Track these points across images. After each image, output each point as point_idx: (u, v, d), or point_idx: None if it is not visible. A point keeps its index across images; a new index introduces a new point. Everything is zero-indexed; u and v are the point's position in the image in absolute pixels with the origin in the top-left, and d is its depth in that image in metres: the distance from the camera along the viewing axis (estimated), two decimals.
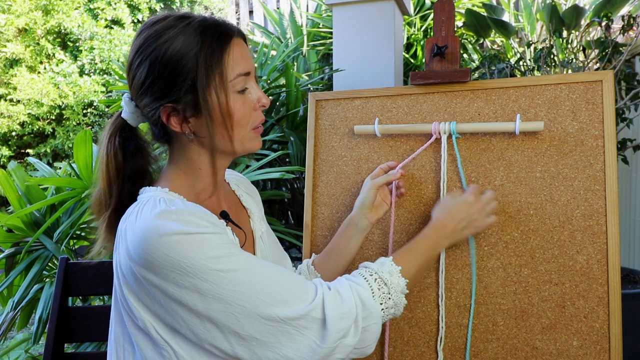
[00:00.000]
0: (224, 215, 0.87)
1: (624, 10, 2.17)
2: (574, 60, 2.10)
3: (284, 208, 2.17)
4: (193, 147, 0.84)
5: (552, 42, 2.05)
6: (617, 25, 2.12)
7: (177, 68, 0.77)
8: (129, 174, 0.85)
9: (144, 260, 0.71)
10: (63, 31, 4.93)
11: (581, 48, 2.15)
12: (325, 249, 1.10)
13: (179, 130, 0.81)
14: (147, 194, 0.82)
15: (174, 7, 5.66)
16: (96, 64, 4.95)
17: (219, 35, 0.79)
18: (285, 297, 0.72)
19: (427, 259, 0.91)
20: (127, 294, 0.76)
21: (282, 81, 2.21)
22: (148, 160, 0.88)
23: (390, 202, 1.11)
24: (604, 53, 1.89)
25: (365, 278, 0.81)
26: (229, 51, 0.80)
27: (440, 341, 1.08)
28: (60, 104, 4.72)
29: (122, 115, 0.85)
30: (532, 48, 2.28)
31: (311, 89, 2.27)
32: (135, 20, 5.44)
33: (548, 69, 2.02)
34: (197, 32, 0.78)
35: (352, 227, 1.07)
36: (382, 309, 0.80)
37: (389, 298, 0.81)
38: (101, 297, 1.87)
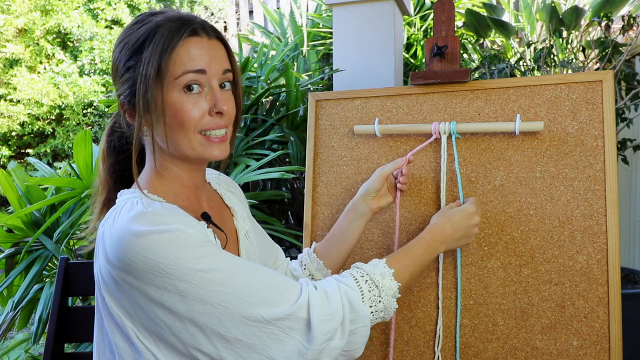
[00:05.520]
0: (204, 217, 0.84)
1: (624, 10, 2.17)
2: (574, 60, 2.10)
3: (284, 208, 2.17)
4: (155, 147, 0.81)
5: (552, 42, 2.05)
6: (617, 25, 2.12)
7: (131, 59, 0.77)
8: (124, 170, 0.85)
9: (122, 264, 0.69)
10: (63, 31, 4.93)
11: (581, 48, 2.15)
12: (327, 235, 1.09)
13: (133, 123, 0.80)
14: (124, 196, 0.80)
15: (174, 7, 5.66)
16: (96, 64, 4.95)
17: (173, 29, 0.76)
18: (268, 296, 0.70)
19: (422, 264, 0.89)
20: (109, 300, 0.74)
21: (282, 81, 2.21)
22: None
23: (394, 194, 1.10)
24: (604, 53, 1.89)
25: (355, 279, 0.78)
26: (178, 48, 0.76)
27: (438, 341, 1.08)
28: (60, 104, 4.72)
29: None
30: (532, 48, 2.28)
31: (311, 89, 2.27)
32: None
33: (548, 69, 2.02)
34: (154, 26, 0.77)
35: (352, 212, 1.06)
36: (372, 312, 0.77)
37: (379, 301, 0.78)
38: None
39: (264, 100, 2.10)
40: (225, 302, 0.68)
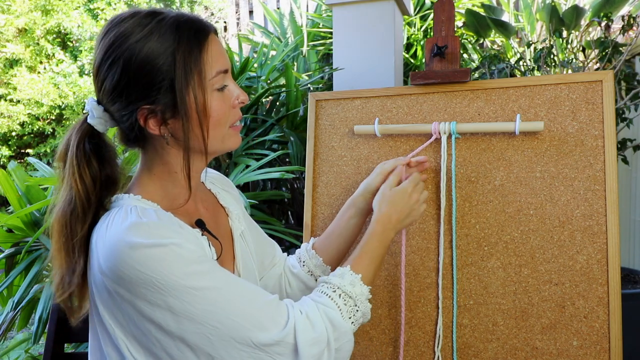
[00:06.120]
0: (199, 224, 0.83)
1: (624, 10, 2.17)
2: (574, 60, 2.10)
3: (284, 208, 2.17)
4: (170, 150, 0.80)
5: (552, 42, 2.05)
6: (617, 25, 2.12)
7: (154, 68, 0.73)
8: (105, 181, 0.79)
9: (115, 275, 0.68)
10: (63, 31, 4.93)
11: (581, 48, 2.15)
12: (325, 231, 1.09)
13: (157, 133, 0.77)
14: (119, 202, 0.78)
15: (174, 7, 5.66)
16: None
17: (195, 32, 0.76)
18: (259, 320, 0.70)
19: (381, 257, 0.90)
20: (102, 309, 0.73)
21: (282, 81, 2.21)
22: (117, 168, 0.83)
23: None
24: (604, 53, 1.89)
25: (330, 297, 0.79)
26: (207, 49, 0.77)
27: (438, 341, 1.08)
28: (60, 104, 4.72)
29: (88, 121, 0.78)
30: (532, 48, 2.28)
31: (311, 88, 2.27)
32: None
33: (548, 69, 2.02)
34: (172, 30, 0.74)
35: (352, 208, 1.06)
36: (352, 323, 0.79)
37: (357, 310, 0.80)
38: None
39: (264, 100, 2.10)
40: (216, 322, 0.68)
